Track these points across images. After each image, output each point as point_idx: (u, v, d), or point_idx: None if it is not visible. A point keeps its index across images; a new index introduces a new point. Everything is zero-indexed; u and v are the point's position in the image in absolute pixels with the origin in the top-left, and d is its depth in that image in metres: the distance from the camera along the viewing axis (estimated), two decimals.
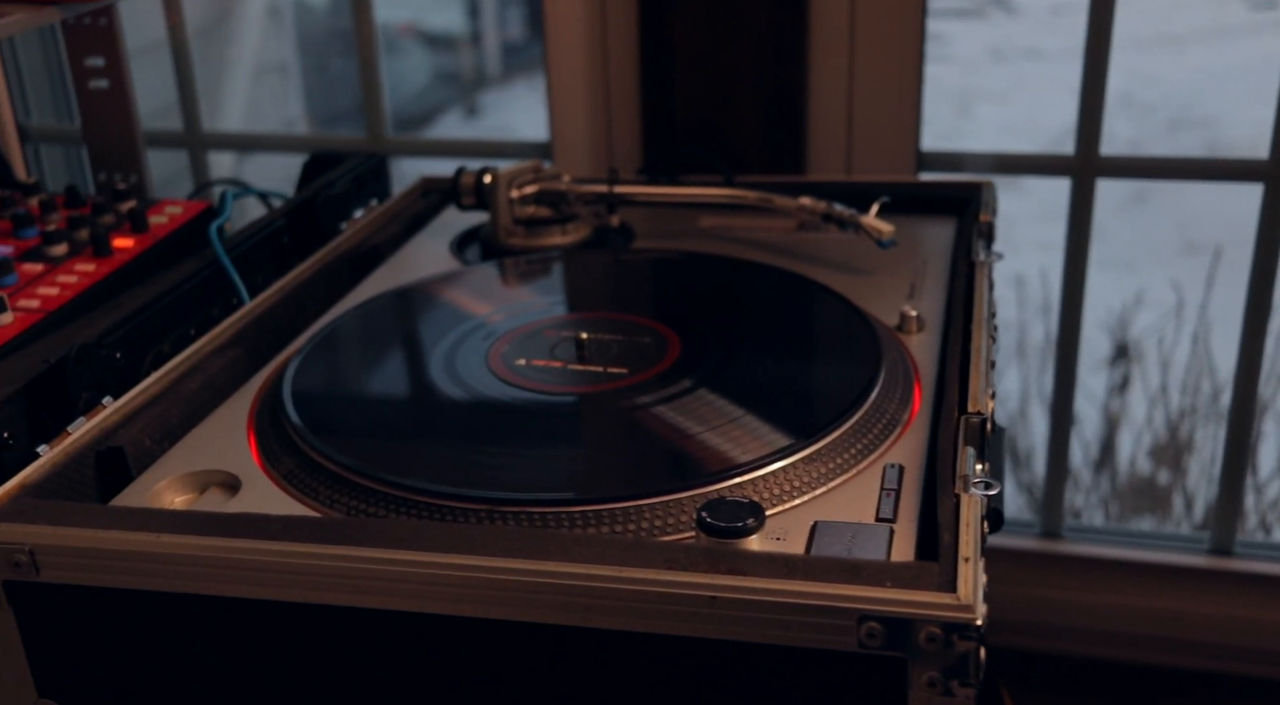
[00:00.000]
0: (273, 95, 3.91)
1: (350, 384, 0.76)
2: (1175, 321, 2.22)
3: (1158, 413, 2.08)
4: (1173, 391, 2.09)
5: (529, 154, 1.31)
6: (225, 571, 0.58)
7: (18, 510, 0.62)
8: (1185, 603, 1.22)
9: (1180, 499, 2.01)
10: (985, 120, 4.42)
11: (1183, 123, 4.30)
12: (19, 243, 0.96)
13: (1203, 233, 3.69)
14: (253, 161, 1.91)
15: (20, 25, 0.95)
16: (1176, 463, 2.08)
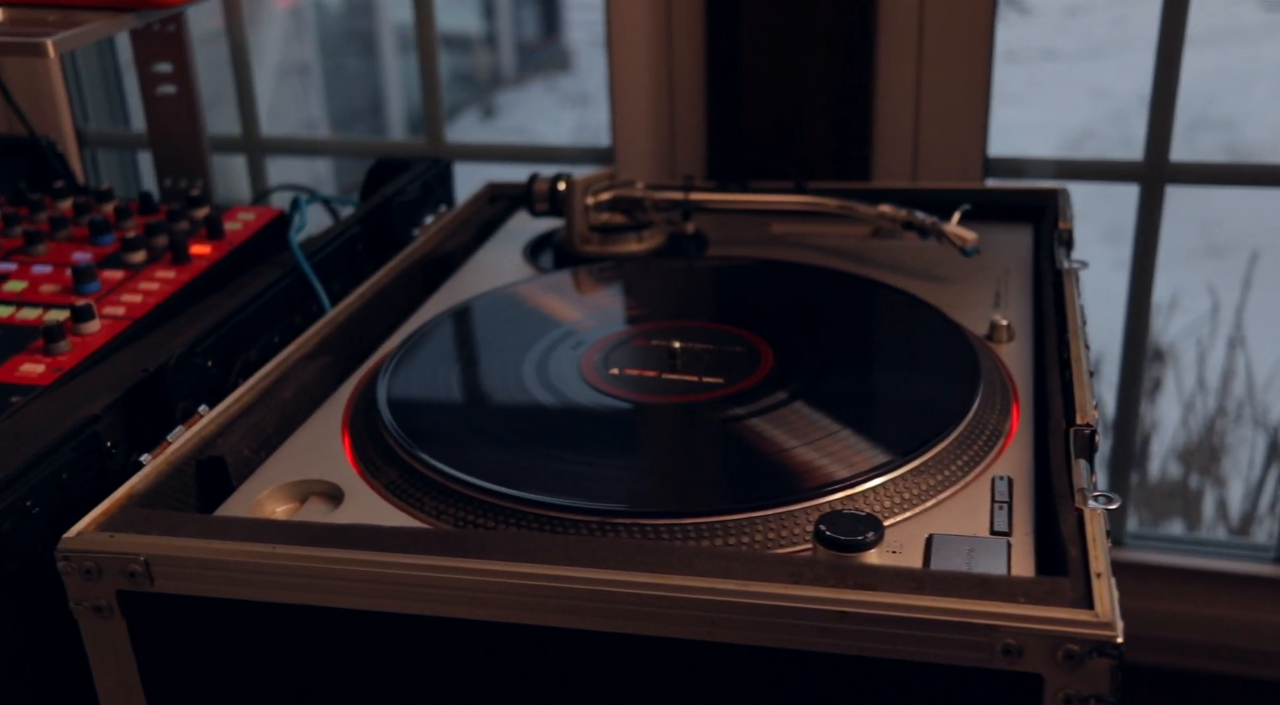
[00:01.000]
0: (294, 96, 3.91)
1: (443, 392, 0.76)
2: (1211, 324, 2.21)
3: (1189, 415, 2.07)
4: (1206, 394, 2.08)
5: (587, 159, 1.31)
6: (342, 583, 0.58)
7: (129, 520, 0.62)
8: (1253, 612, 1.21)
9: (1211, 503, 2.00)
10: (1001, 122, 4.41)
11: (1202, 124, 4.28)
12: (97, 249, 0.96)
13: (1224, 235, 3.68)
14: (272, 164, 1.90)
15: (99, 33, 0.96)
16: (1207, 467, 2.07)
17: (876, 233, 1.00)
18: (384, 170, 1.15)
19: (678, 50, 1.18)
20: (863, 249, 0.98)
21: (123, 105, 1.48)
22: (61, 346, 0.80)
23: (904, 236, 0.99)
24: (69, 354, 0.80)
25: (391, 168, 1.14)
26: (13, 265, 0.93)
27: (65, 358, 0.79)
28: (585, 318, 0.85)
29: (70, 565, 0.60)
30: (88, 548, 0.60)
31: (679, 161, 1.22)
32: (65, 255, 0.95)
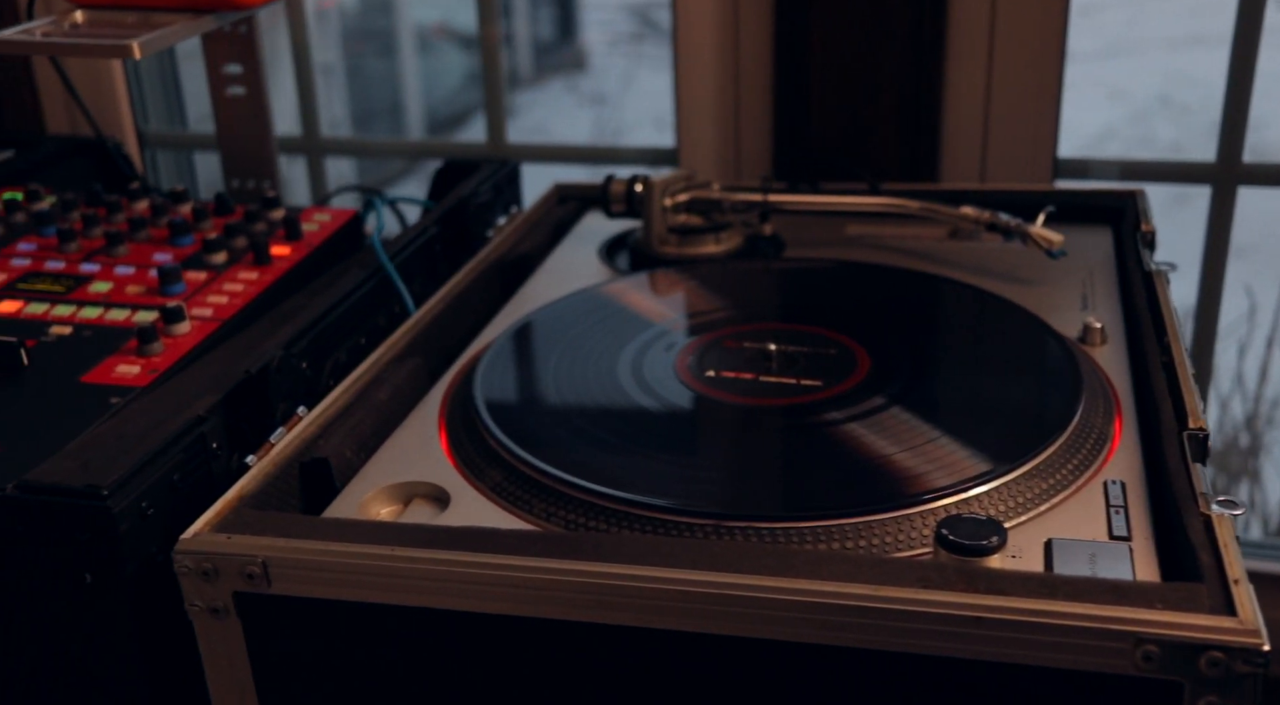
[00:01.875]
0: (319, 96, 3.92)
1: (540, 394, 0.76)
2: (1249, 324, 2.20)
3: (1225, 416, 2.07)
4: (1241, 394, 2.07)
5: (648, 160, 1.31)
6: (460, 586, 0.58)
7: (244, 522, 0.62)
8: None
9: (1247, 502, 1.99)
10: None
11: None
12: (177, 250, 0.96)
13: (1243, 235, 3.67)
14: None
15: (181, 34, 0.96)
16: (1245, 466, 2.06)
17: (954, 234, 0.99)
18: (452, 172, 1.15)
19: (744, 50, 1.18)
20: (941, 250, 0.97)
21: (180, 106, 1.49)
22: (155, 347, 0.80)
23: (982, 238, 0.99)
24: (163, 355, 0.80)
25: (460, 169, 1.14)
26: (96, 266, 0.94)
27: (159, 359, 0.80)
28: (673, 319, 0.85)
29: (188, 566, 0.61)
30: (206, 549, 0.60)
31: (743, 162, 1.22)
32: (146, 256, 0.95)
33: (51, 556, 0.63)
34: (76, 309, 0.87)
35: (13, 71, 1.35)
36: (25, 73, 1.36)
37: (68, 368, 0.79)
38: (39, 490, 0.63)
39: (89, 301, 0.88)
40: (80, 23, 1.00)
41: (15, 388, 0.77)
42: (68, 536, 0.62)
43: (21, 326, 0.85)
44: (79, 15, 1.00)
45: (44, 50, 0.95)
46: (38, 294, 0.89)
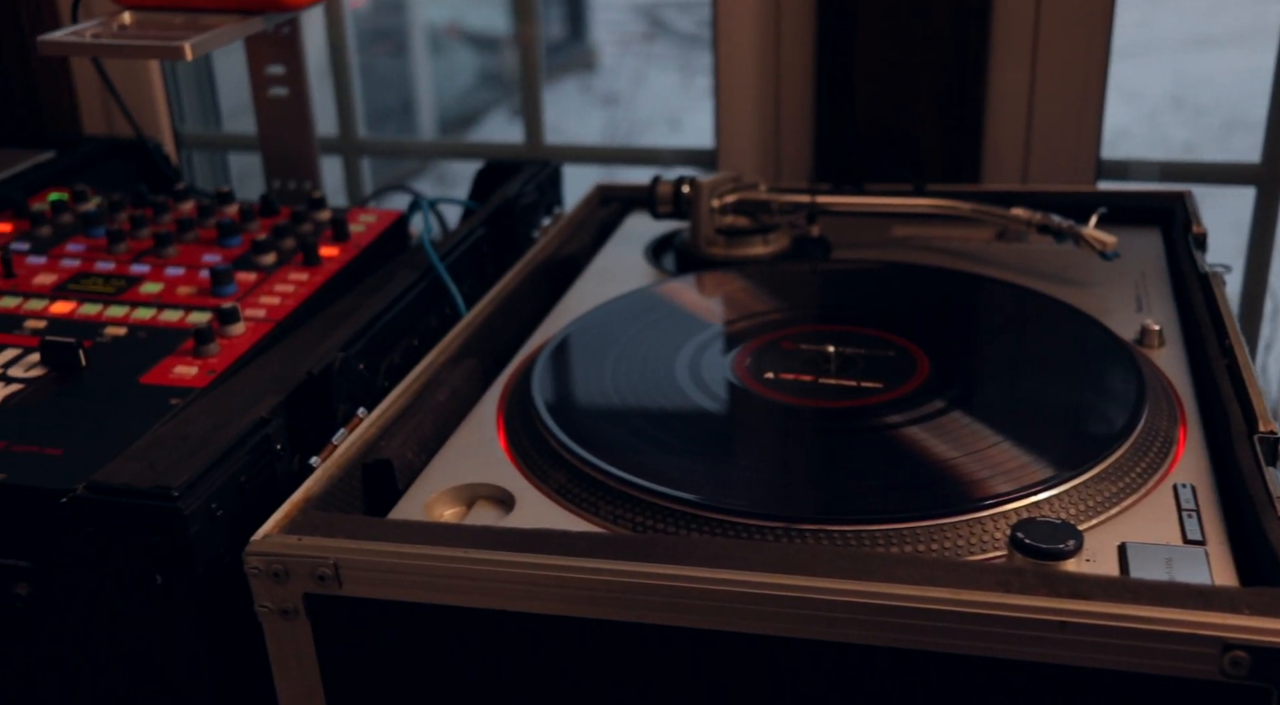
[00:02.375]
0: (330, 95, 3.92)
1: (598, 395, 0.76)
2: (1270, 325, 2.20)
3: None
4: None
5: (685, 161, 1.31)
6: (535, 589, 0.58)
7: (313, 523, 0.62)
8: None
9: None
10: None
11: (1237, 125, 4.23)
12: (226, 251, 0.97)
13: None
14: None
15: (231, 35, 0.96)
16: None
17: (1001, 235, 0.99)
18: (494, 173, 1.15)
19: (785, 50, 1.17)
20: (989, 252, 0.97)
21: (215, 107, 1.49)
22: (211, 348, 0.80)
23: (1029, 240, 0.98)
24: (219, 356, 0.80)
25: (502, 170, 1.14)
26: (146, 267, 0.94)
27: (216, 360, 0.80)
28: (727, 320, 0.85)
29: (258, 568, 0.61)
30: (277, 551, 0.60)
31: (783, 163, 1.22)
32: (195, 257, 0.96)
33: (121, 557, 0.63)
34: (130, 310, 0.87)
35: (51, 72, 1.36)
36: (63, 73, 1.36)
37: (125, 368, 0.79)
38: (109, 491, 0.63)
39: (141, 302, 0.88)
40: (128, 24, 1.00)
41: (74, 388, 0.77)
42: (139, 538, 0.62)
43: (76, 327, 0.85)
44: (127, 16, 1.01)
45: (96, 52, 0.95)
46: (90, 295, 0.89)
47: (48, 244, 0.98)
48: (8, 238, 1.00)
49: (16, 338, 0.83)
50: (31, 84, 1.35)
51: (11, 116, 1.36)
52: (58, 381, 0.78)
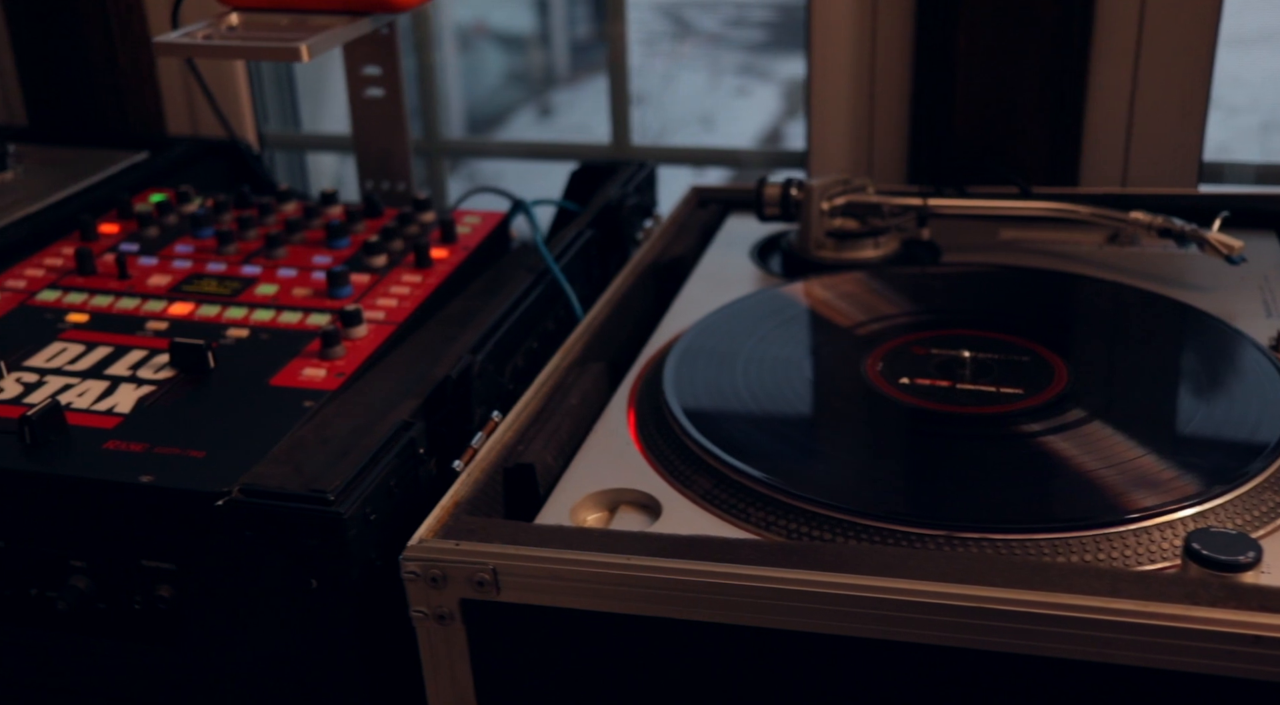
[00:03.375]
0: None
1: (732, 399, 0.75)
2: None
3: None
4: None
5: (771, 163, 1.30)
6: (697, 596, 0.58)
7: (467, 529, 0.62)
8: None
9: None
10: None
11: (1273, 126, 4.19)
12: (335, 252, 0.97)
13: None
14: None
15: (342, 37, 0.96)
16: None
17: (1113, 239, 0.98)
18: (588, 174, 1.14)
19: (881, 49, 1.17)
20: (1103, 256, 0.96)
21: (294, 107, 1.49)
22: (338, 351, 0.80)
23: (1142, 243, 0.97)
24: (346, 358, 0.80)
25: (596, 172, 1.14)
26: (257, 269, 0.94)
27: (343, 362, 0.80)
28: (849, 325, 0.84)
29: (415, 573, 0.60)
30: (435, 556, 0.60)
31: (876, 164, 1.21)
32: (305, 259, 0.96)
33: (275, 561, 0.63)
34: (248, 311, 0.87)
35: (137, 72, 1.36)
36: (149, 74, 1.37)
37: (253, 370, 0.79)
38: (264, 494, 0.63)
39: (259, 304, 0.88)
40: (236, 25, 1.00)
41: (205, 390, 0.77)
42: (295, 541, 0.62)
43: (196, 328, 0.85)
44: (234, 17, 1.01)
45: (211, 54, 0.96)
46: (206, 296, 0.89)
47: (156, 245, 0.99)
48: (115, 239, 1.00)
49: (139, 339, 0.84)
50: (118, 85, 1.35)
51: (99, 117, 1.37)
52: (188, 383, 0.78)
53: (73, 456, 0.69)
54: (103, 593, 0.70)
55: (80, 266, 0.93)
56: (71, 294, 0.90)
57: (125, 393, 0.76)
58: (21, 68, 1.37)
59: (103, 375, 0.79)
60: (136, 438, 0.71)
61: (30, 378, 0.78)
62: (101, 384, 0.78)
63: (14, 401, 0.76)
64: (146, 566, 0.69)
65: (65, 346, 0.82)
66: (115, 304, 0.88)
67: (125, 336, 0.84)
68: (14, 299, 0.89)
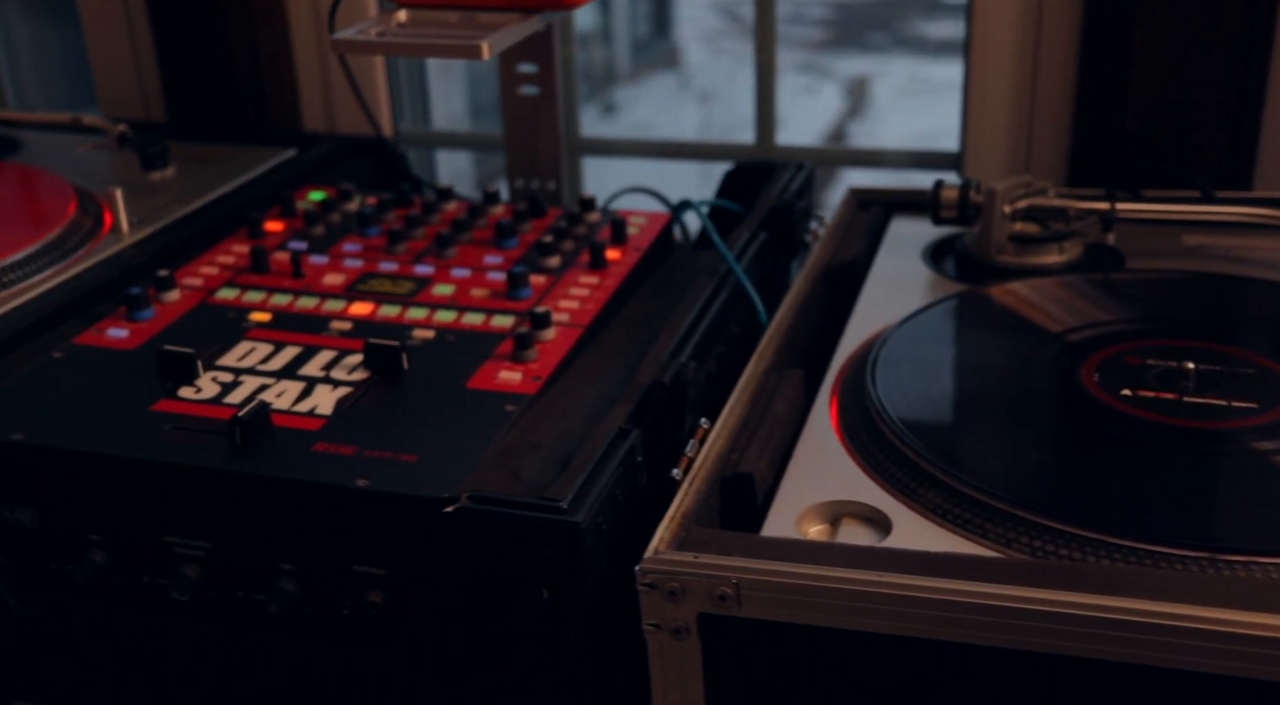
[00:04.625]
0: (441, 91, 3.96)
1: (949, 408, 0.73)
2: None
3: None
4: None
5: (920, 164, 1.28)
6: (950, 616, 0.56)
7: (702, 541, 0.60)
8: None
9: None
10: None
11: None
12: (505, 253, 0.95)
13: None
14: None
15: (518, 34, 0.95)
16: None
17: None
18: (745, 174, 1.12)
19: (1044, 49, 1.14)
20: None
21: (425, 104, 1.49)
22: (530, 354, 0.79)
23: None
24: (539, 362, 0.79)
25: (752, 172, 1.12)
26: (430, 268, 0.93)
27: (537, 365, 0.78)
28: (1054, 332, 0.81)
29: (653, 585, 0.59)
30: (674, 569, 0.59)
31: (1033, 166, 1.18)
32: (476, 259, 0.94)
33: (504, 570, 0.62)
34: (429, 312, 0.86)
35: (276, 69, 1.36)
36: (288, 70, 1.37)
37: (447, 372, 0.78)
38: (495, 502, 0.62)
39: (438, 304, 0.87)
40: (404, 22, 1.00)
41: (402, 392, 0.76)
42: (529, 551, 0.61)
43: (380, 329, 0.84)
44: (402, 14, 1.00)
45: (389, 51, 0.95)
46: (384, 296, 0.89)
47: (324, 243, 0.98)
48: (282, 236, 1.00)
49: (326, 339, 0.83)
50: (259, 81, 1.36)
51: (239, 114, 1.37)
52: (383, 384, 0.77)
53: (283, 458, 0.69)
54: (310, 597, 0.69)
55: (255, 265, 0.93)
56: (250, 293, 0.89)
57: (323, 394, 0.76)
58: (163, 64, 1.38)
59: (296, 375, 0.78)
60: (344, 440, 0.70)
61: (225, 377, 0.78)
62: (297, 384, 0.77)
63: (213, 401, 0.75)
64: (358, 571, 0.68)
65: (253, 346, 0.82)
66: (295, 303, 0.88)
67: (311, 336, 0.83)
68: (194, 297, 0.89)
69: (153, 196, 1.07)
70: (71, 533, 0.72)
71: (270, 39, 1.34)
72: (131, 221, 1.00)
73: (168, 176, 1.10)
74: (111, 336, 0.83)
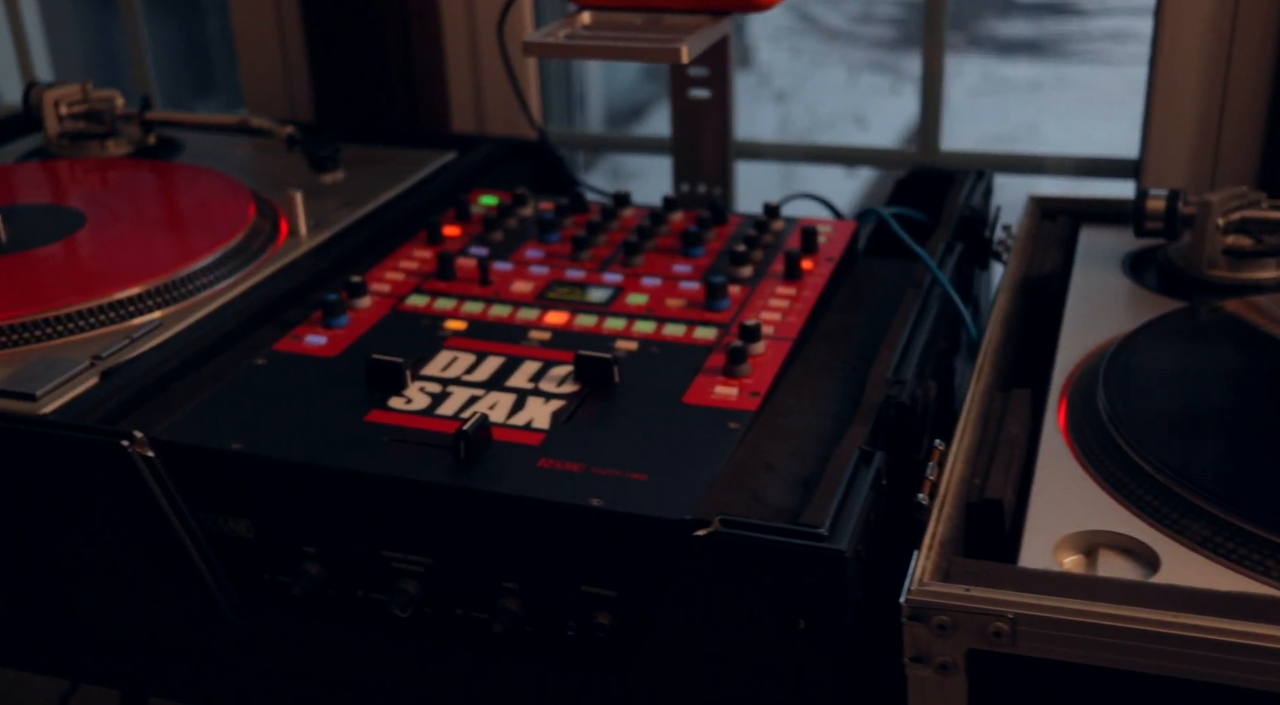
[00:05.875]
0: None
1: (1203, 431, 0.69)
2: None
3: None
4: None
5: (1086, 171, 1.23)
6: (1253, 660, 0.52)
7: (968, 572, 0.58)
8: None
9: None
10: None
11: None
12: (693, 261, 0.93)
13: None
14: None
15: (712, 37, 0.93)
16: None
17: None
18: (918, 181, 1.09)
19: (1238, 55, 1.09)
20: None
21: (568, 107, 1.47)
22: (744, 368, 0.77)
23: None
24: (753, 376, 0.76)
25: (928, 179, 1.09)
26: (618, 276, 0.91)
27: (752, 380, 0.76)
28: None
29: (921, 618, 0.56)
30: (944, 602, 0.56)
31: (1220, 175, 1.13)
32: (664, 267, 0.92)
33: (754, 597, 0.59)
34: (627, 322, 0.84)
35: (429, 71, 1.35)
36: (439, 72, 1.36)
37: (660, 386, 0.76)
38: (748, 527, 0.59)
39: (634, 314, 0.85)
40: (588, 24, 0.98)
41: (617, 406, 0.74)
42: (786, 578, 0.58)
43: (579, 339, 0.82)
44: (585, 16, 0.98)
45: (580, 53, 0.93)
46: (577, 305, 0.87)
47: (505, 249, 0.96)
48: (459, 241, 0.98)
49: (528, 349, 0.81)
50: (413, 84, 1.35)
51: (390, 116, 1.36)
52: (596, 398, 0.75)
53: (509, 474, 0.67)
54: (532, 616, 0.68)
55: (441, 271, 0.91)
56: (440, 300, 0.88)
57: (536, 406, 0.74)
58: (313, 64, 1.38)
59: (504, 387, 0.76)
60: (568, 456, 0.69)
61: (433, 388, 0.77)
62: (508, 396, 0.75)
63: (425, 412, 0.74)
64: (585, 592, 0.66)
65: (455, 355, 0.81)
66: (488, 311, 0.86)
67: (512, 346, 0.82)
68: (384, 303, 0.88)
69: (321, 199, 1.06)
70: (286, 544, 0.71)
71: (424, 39, 1.33)
72: (309, 225, 1.00)
73: (338, 179, 1.09)
74: (310, 343, 0.82)
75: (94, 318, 0.83)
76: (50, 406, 0.74)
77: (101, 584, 0.72)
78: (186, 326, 0.84)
